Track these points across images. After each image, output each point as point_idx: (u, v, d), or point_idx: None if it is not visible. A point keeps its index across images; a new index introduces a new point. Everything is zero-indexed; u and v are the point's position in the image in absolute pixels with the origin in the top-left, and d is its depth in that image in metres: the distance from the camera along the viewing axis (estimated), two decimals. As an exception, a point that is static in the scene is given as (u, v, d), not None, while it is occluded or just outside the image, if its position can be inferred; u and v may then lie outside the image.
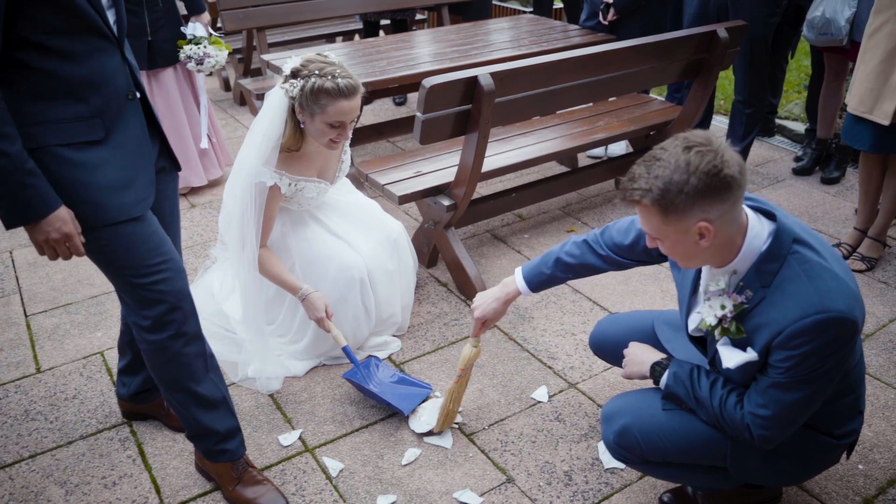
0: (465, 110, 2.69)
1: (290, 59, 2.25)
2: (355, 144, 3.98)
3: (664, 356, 1.78)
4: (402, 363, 2.60)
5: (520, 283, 2.03)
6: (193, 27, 3.56)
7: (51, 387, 2.50)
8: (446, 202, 2.89)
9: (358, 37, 5.84)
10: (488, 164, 3.01)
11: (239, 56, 5.34)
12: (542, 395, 2.42)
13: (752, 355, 1.52)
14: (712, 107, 4.16)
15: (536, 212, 3.74)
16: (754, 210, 1.55)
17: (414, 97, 5.15)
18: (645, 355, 1.80)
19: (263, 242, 2.39)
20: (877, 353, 2.59)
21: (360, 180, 3.36)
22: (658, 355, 1.79)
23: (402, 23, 5.27)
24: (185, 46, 3.50)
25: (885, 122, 2.78)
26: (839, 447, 1.72)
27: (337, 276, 2.46)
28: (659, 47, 3.14)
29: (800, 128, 4.52)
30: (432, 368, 2.57)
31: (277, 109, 2.25)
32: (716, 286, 1.56)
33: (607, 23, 4.10)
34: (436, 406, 2.32)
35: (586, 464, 2.15)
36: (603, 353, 2.20)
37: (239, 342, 2.55)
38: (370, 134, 4.10)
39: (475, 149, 2.73)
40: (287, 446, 2.24)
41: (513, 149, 3.31)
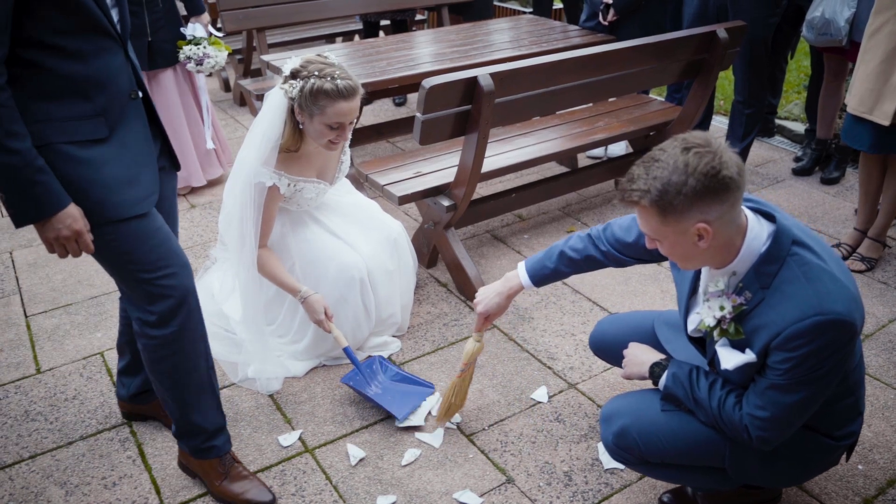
0: (464, 111, 2.69)
1: (290, 59, 2.25)
2: (355, 145, 3.98)
3: (664, 357, 1.78)
4: (402, 363, 2.60)
5: (523, 278, 2.03)
6: (193, 28, 3.56)
7: (51, 387, 2.50)
8: (446, 202, 2.89)
9: (358, 37, 5.84)
10: (488, 164, 3.01)
11: (239, 57, 5.34)
12: (541, 395, 2.42)
13: (750, 357, 1.53)
14: (712, 107, 4.17)
15: (536, 212, 3.74)
16: (754, 211, 1.55)
17: (414, 98, 5.15)
18: (644, 356, 1.81)
19: (263, 243, 2.39)
20: (877, 354, 2.59)
21: (360, 181, 3.36)
22: (657, 356, 1.79)
23: (402, 23, 5.27)
24: (185, 47, 3.50)
25: (886, 122, 2.78)
26: (839, 448, 1.72)
27: (337, 277, 2.46)
28: (659, 48, 3.14)
29: (799, 128, 4.51)
30: (432, 369, 2.57)
31: (277, 110, 2.25)
32: (715, 287, 1.56)
33: (607, 23, 4.10)
34: (431, 404, 2.34)
35: (586, 464, 2.15)
36: (603, 353, 2.20)
37: (239, 342, 2.55)
38: (370, 134, 4.10)
39: (475, 149, 2.73)
40: (287, 447, 2.24)
41: (513, 149, 3.31)
